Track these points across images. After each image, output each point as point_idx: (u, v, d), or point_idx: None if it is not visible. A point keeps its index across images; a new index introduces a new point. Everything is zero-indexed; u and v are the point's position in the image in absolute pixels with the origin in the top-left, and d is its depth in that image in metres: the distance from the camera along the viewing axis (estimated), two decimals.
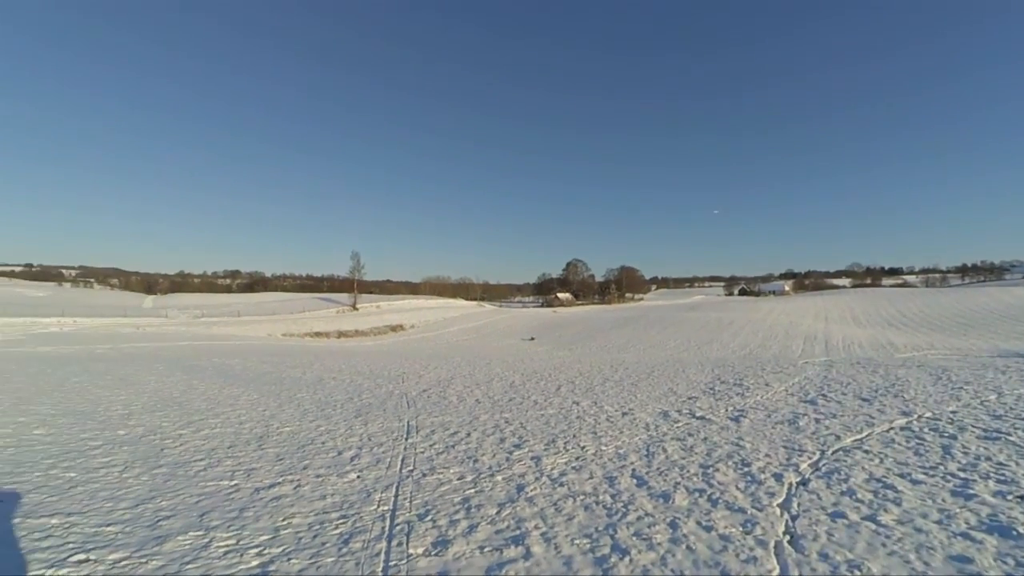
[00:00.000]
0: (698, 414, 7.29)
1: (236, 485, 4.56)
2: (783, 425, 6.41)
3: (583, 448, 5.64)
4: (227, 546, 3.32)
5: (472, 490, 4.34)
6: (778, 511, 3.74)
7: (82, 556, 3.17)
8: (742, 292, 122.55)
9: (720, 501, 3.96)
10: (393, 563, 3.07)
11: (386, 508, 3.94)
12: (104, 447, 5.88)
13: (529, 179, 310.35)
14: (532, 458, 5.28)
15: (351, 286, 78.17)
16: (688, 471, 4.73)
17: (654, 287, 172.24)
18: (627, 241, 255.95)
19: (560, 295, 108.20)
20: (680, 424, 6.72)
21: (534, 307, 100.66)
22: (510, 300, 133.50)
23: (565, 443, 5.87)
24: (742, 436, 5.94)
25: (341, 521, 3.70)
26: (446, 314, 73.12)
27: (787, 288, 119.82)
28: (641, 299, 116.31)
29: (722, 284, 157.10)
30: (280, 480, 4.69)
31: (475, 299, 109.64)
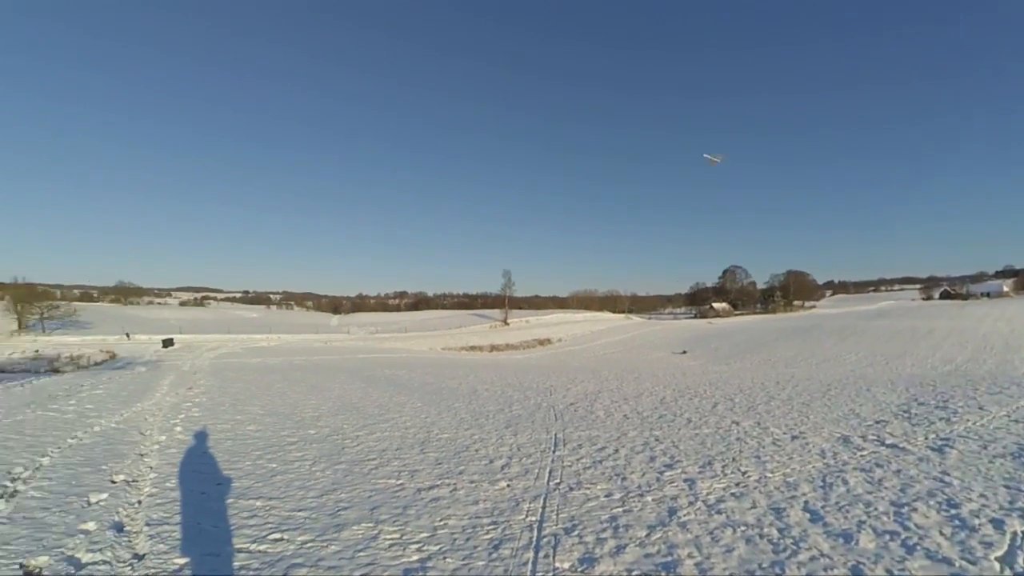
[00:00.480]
0: (888, 441, 6.24)
1: (402, 484, 4.98)
2: (1005, 459, 5.21)
3: (744, 473, 5.16)
4: (392, 539, 3.63)
5: (620, 509, 4.21)
6: (996, 566, 3.05)
7: (278, 535, 3.70)
8: (944, 295, 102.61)
9: (918, 548, 3.32)
10: (540, 574, 3.09)
11: (534, 519, 3.99)
12: (298, 444, 6.81)
13: (682, 187, 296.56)
14: (685, 480, 4.97)
15: (502, 302, 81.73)
16: (876, 508, 4.05)
17: (828, 293, 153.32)
18: (794, 244, 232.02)
19: (716, 305, 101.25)
20: (865, 452, 5.81)
21: (686, 319, 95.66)
22: (660, 312, 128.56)
23: (723, 466, 5.43)
24: (948, 470, 4.94)
25: (492, 527, 3.83)
26: (593, 327, 72.67)
27: (1006, 289, 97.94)
28: (813, 307, 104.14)
29: (917, 287, 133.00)
30: (439, 483, 5.01)
31: (623, 312, 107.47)
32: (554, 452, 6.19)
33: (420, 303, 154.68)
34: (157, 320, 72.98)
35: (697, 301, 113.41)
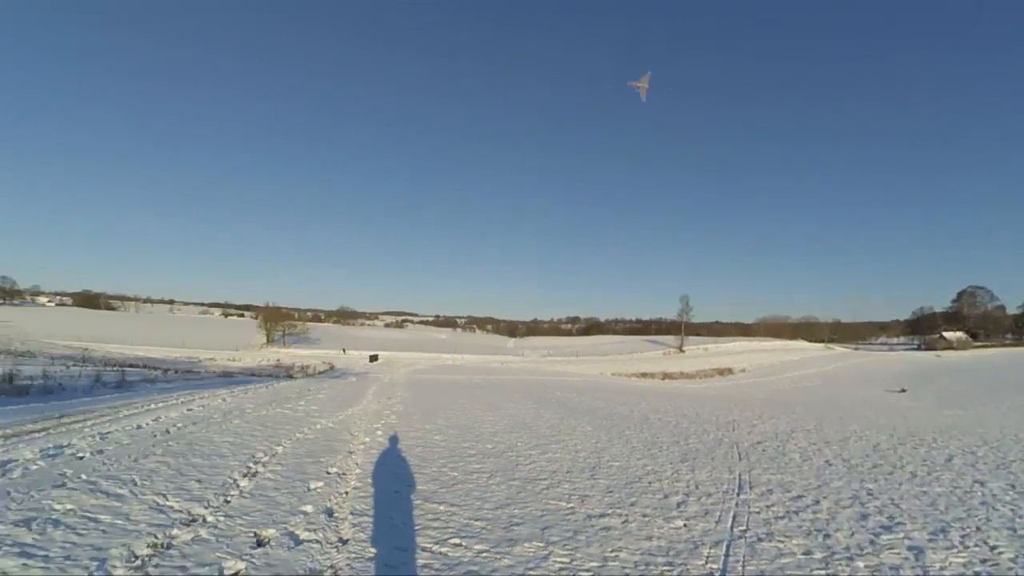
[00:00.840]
0: None
1: (572, 508, 4.95)
2: None
3: (993, 549, 4.11)
4: (562, 563, 3.60)
5: (822, 572, 3.63)
6: None
7: (456, 540, 3.93)
8: None
9: None
10: None
11: (715, 567, 3.64)
12: (477, 456, 7.21)
13: (891, 203, 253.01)
14: (910, 548, 4.11)
15: (678, 328, 77.91)
16: None
17: None
18: None
19: (948, 334, 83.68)
20: None
21: (905, 350, 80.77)
22: (870, 341, 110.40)
23: (962, 536, 4.38)
24: None
25: (667, 568, 3.59)
26: (784, 357, 65.31)
27: None
28: None
29: None
30: (609, 511, 4.88)
31: (821, 340, 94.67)
32: (738, 495, 5.62)
33: (592, 328, 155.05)
34: (366, 339, 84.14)
35: (922, 329, 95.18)
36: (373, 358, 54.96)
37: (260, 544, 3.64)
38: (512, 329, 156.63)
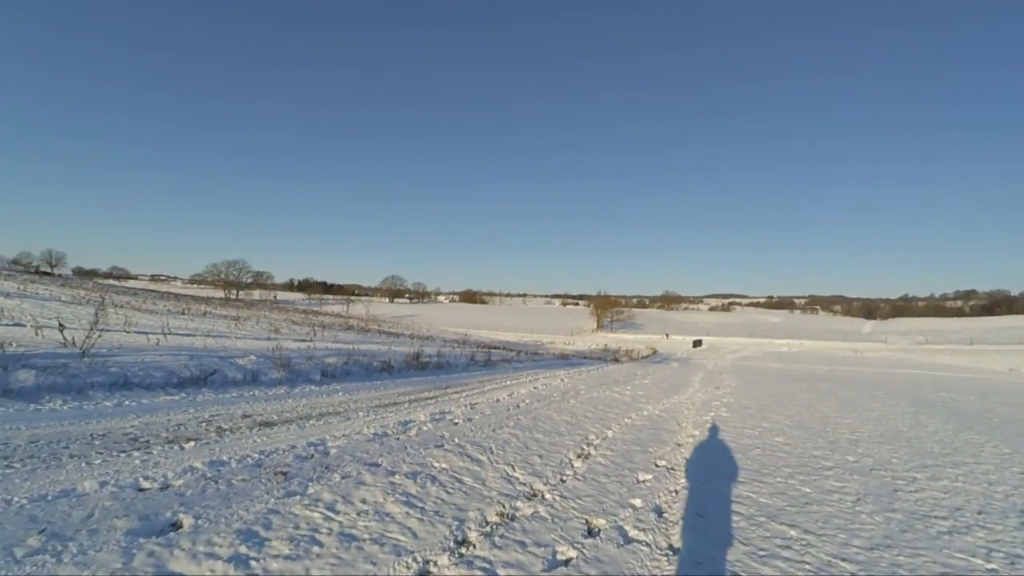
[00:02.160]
0: None
1: (995, 572, 3.48)
2: None
3: None
4: None
5: None
6: None
7: None
8: None
9: None
10: None
11: None
12: (835, 471, 5.94)
13: None
14: None
15: None
16: None
17: None
18: None
19: None
20: None
21: None
22: None
23: None
24: None
25: None
26: None
27: None
28: None
29: None
30: None
31: None
32: None
33: (996, 305, 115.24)
34: (690, 323, 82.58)
35: None
36: (697, 343, 53.48)
37: (591, 534, 3.64)
38: (869, 309, 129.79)
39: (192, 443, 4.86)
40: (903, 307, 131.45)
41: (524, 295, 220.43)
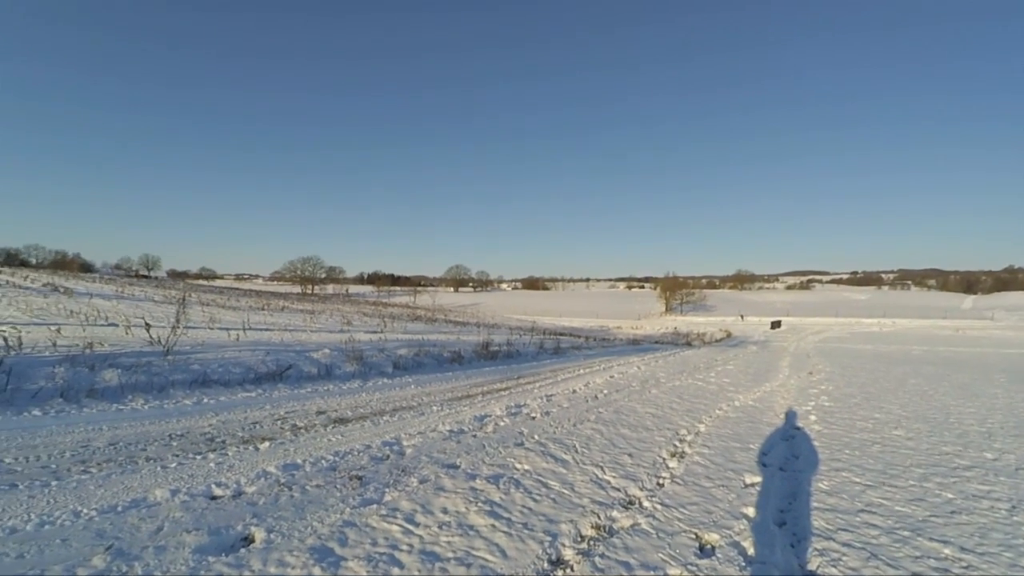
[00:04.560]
0: None
1: None
2: None
3: None
4: None
5: None
6: None
7: None
8: None
9: None
10: None
11: None
12: (976, 471, 5.05)
13: None
14: None
15: None
16: None
17: None
18: None
19: None
20: None
21: None
22: None
23: None
24: None
25: None
26: None
27: None
28: None
29: None
30: None
31: None
32: None
33: None
34: (765, 303, 78.54)
35: None
36: (775, 324, 50.55)
37: (704, 552, 3.12)
38: (969, 283, 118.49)
39: (267, 443, 4.72)
40: (1008, 279, 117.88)
41: (587, 280, 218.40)
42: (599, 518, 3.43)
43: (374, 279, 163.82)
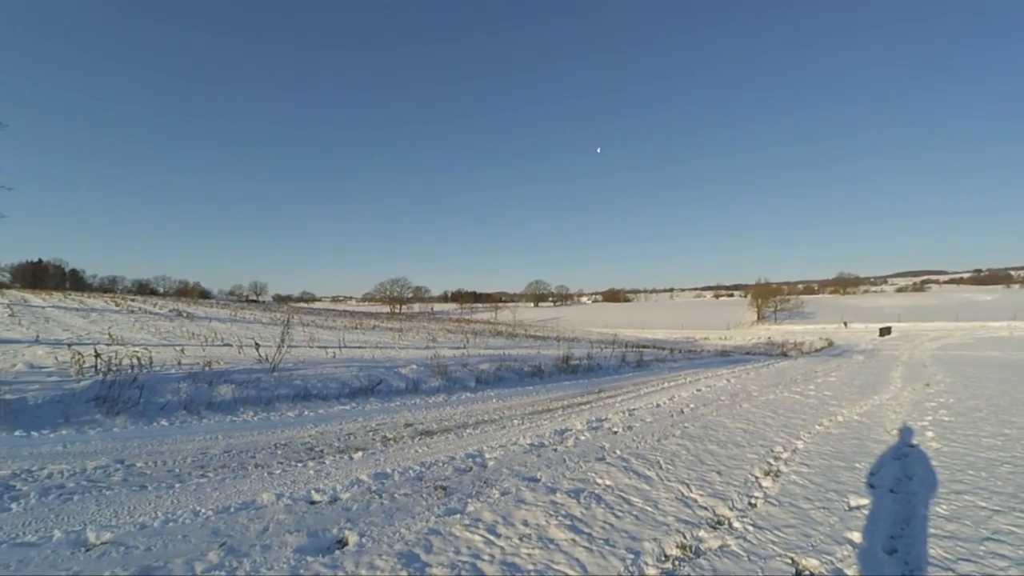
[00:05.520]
0: None
1: None
2: None
3: None
4: None
5: None
6: None
7: None
8: None
9: None
10: None
11: None
12: None
13: None
14: None
15: None
16: None
17: None
18: None
19: None
20: None
21: None
22: None
23: None
24: None
25: None
26: None
27: None
28: None
29: None
30: None
31: None
32: None
33: None
34: (872, 308, 72.24)
35: None
36: (884, 331, 46.04)
37: None
38: None
39: (360, 453, 5.00)
40: None
41: (671, 290, 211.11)
42: (685, 537, 3.31)
43: (457, 297, 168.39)
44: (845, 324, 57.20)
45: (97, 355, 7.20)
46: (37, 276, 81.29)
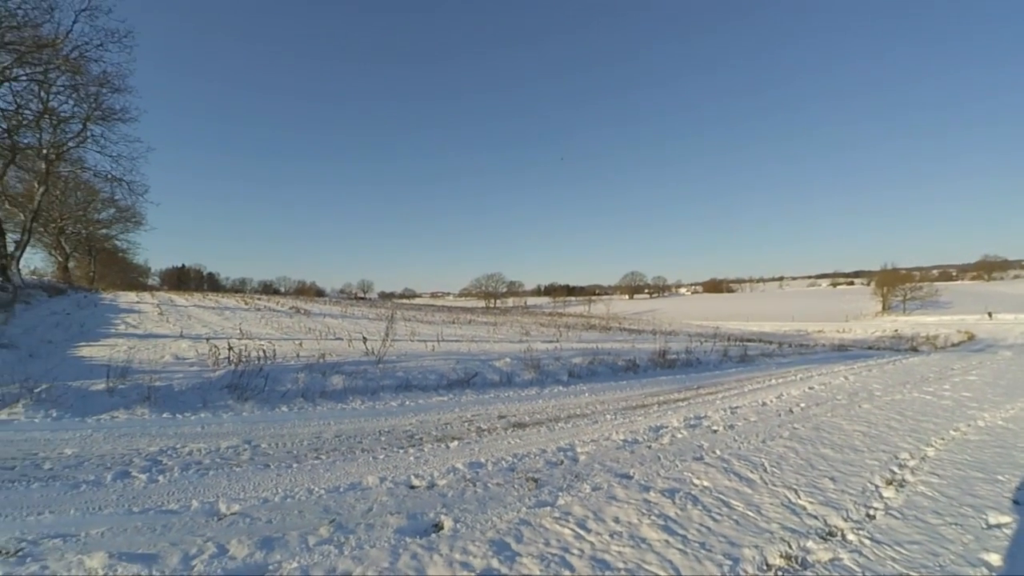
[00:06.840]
0: None
1: None
2: None
3: None
4: None
5: None
6: None
7: None
8: None
9: None
10: None
11: None
12: None
13: None
14: None
15: None
16: None
17: None
18: None
19: None
20: None
21: None
22: None
23: None
24: None
25: None
26: None
27: None
28: None
29: None
30: None
31: None
32: None
33: None
34: (1022, 296, 62.64)
35: None
36: None
37: None
38: None
39: (456, 442, 5.20)
40: None
41: (780, 278, 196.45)
42: (790, 547, 3.10)
43: (550, 290, 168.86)
44: (989, 315, 49.96)
45: (230, 348, 8.10)
46: (181, 279, 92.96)
